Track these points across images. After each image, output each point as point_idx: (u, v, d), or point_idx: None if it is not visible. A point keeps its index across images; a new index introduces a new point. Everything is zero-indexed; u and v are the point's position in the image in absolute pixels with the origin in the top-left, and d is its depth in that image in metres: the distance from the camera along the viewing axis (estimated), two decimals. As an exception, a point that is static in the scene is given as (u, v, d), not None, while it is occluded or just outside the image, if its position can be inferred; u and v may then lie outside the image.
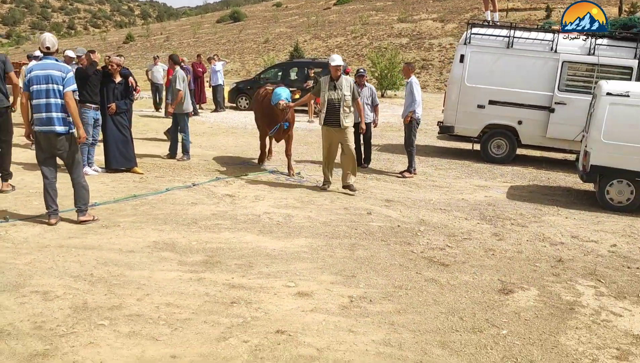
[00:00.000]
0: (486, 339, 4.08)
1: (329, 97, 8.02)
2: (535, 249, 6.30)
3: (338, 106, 7.98)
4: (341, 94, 7.97)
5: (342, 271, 5.27)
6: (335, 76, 8.05)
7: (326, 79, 8.16)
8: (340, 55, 8.26)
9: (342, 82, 8.03)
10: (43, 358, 3.41)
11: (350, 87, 8.07)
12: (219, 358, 3.57)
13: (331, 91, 8.02)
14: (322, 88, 8.12)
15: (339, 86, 8.02)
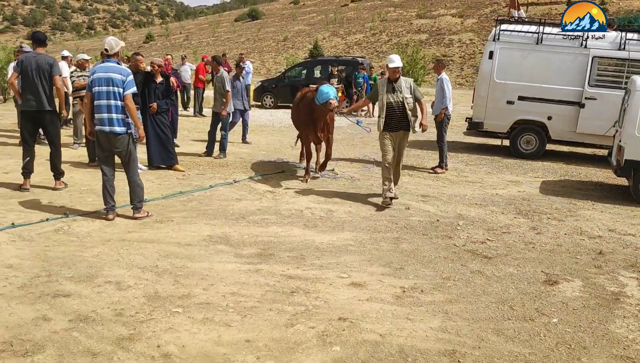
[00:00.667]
0: (538, 327, 4.26)
1: (387, 101, 7.49)
2: (574, 242, 6.45)
3: (397, 110, 7.49)
4: (401, 97, 7.47)
5: (390, 263, 5.48)
6: (393, 78, 7.56)
7: (383, 81, 7.69)
8: (397, 55, 7.78)
9: (401, 83, 7.53)
10: (130, 342, 3.68)
11: (410, 88, 7.57)
12: (290, 342, 3.81)
13: (390, 94, 7.51)
14: (379, 91, 7.61)
15: (398, 88, 7.52)
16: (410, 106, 7.52)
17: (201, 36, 66.26)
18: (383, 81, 7.68)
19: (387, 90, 7.55)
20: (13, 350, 3.50)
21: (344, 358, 3.64)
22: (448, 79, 10.11)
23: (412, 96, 7.56)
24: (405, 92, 7.51)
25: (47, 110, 7.39)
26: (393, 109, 7.51)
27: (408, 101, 7.50)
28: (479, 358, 3.73)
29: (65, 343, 3.61)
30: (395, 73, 7.54)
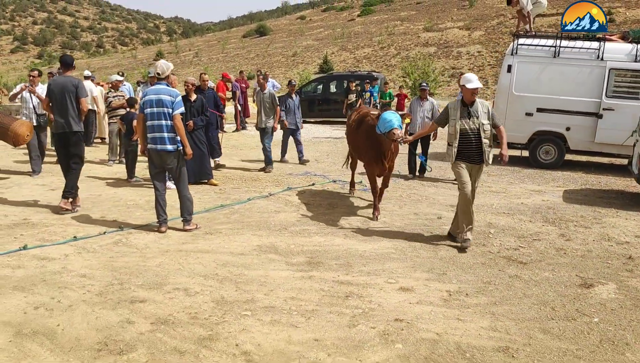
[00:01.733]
0: (581, 325, 4.56)
1: (461, 127, 6.46)
2: (604, 248, 6.74)
3: (473, 138, 6.46)
4: (478, 123, 6.43)
5: (432, 269, 5.80)
6: (470, 101, 6.49)
7: (455, 104, 6.63)
8: (474, 74, 6.74)
9: (477, 107, 6.48)
10: (210, 341, 4.02)
11: (488, 113, 6.54)
12: (355, 340, 4.13)
13: (464, 120, 6.47)
14: (450, 115, 6.59)
15: (474, 112, 6.47)
16: (488, 134, 6.49)
17: (211, 53, 67.13)
18: (455, 104, 6.63)
19: (462, 115, 6.50)
20: (109, 349, 3.85)
21: (407, 354, 3.96)
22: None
23: (489, 122, 6.51)
24: (483, 118, 6.48)
25: (74, 131, 7.53)
26: (468, 137, 6.47)
27: (485, 128, 6.45)
28: (531, 354, 4.03)
29: (153, 343, 3.96)
30: (472, 95, 6.45)
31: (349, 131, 8.58)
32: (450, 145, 6.58)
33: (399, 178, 10.68)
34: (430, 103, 10.77)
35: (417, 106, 10.83)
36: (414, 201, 8.83)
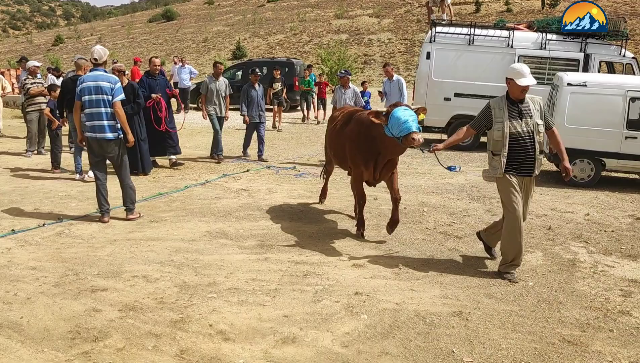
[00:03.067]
0: (520, 289, 5.04)
1: (511, 131, 5.15)
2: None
3: (529, 142, 5.18)
4: (532, 123, 5.18)
5: (379, 247, 6.12)
6: (518, 98, 5.24)
7: (499, 102, 5.32)
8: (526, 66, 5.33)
9: (529, 105, 5.25)
10: (183, 324, 4.08)
11: (541, 110, 5.31)
12: (322, 314, 4.34)
13: (515, 121, 5.18)
14: (495, 116, 5.25)
15: (526, 111, 5.22)
16: (541, 137, 5.29)
17: (115, 38, 64.18)
18: (499, 102, 5.32)
19: (511, 115, 5.20)
20: (82, 337, 3.81)
21: (373, 324, 4.23)
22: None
23: (543, 122, 5.28)
24: (536, 117, 5.23)
25: None
26: (520, 142, 5.17)
27: (540, 129, 5.23)
28: (481, 316, 4.43)
29: (126, 329, 3.96)
30: (523, 93, 5.21)
31: (330, 133, 7.14)
32: (497, 154, 5.24)
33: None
34: (352, 90, 10.68)
35: (340, 94, 10.70)
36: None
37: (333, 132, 6.98)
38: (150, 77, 9.88)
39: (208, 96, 10.98)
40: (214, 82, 11.03)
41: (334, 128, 6.98)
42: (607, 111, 9.17)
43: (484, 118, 5.38)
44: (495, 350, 3.89)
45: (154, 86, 9.77)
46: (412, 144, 5.44)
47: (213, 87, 10.98)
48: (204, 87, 11.06)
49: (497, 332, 4.17)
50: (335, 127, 6.92)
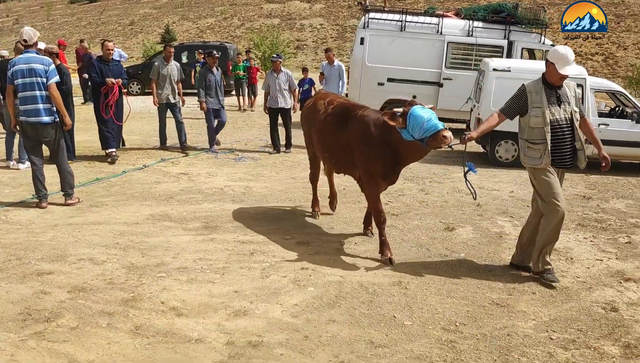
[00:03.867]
0: (453, 260, 5.43)
1: (552, 117, 4.81)
2: (456, 198, 7.83)
3: (567, 130, 4.86)
4: (570, 110, 4.87)
5: (321, 225, 6.36)
6: (557, 83, 4.89)
7: (536, 86, 4.90)
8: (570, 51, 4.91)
9: (566, 91, 4.93)
10: (135, 302, 4.16)
11: (576, 97, 5.01)
12: (271, 289, 4.53)
13: (554, 107, 4.83)
14: (532, 101, 4.84)
15: (564, 96, 4.89)
16: (577, 123, 4.94)
17: (34, 19, 60.98)
18: (536, 86, 4.92)
19: (550, 100, 4.84)
20: (34, 318, 3.82)
21: (320, 295, 4.46)
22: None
23: (578, 110, 5.00)
24: (573, 103, 4.93)
25: None
26: (560, 130, 4.84)
27: (577, 117, 4.94)
28: (419, 285, 4.76)
29: (77, 309, 4.00)
30: (562, 79, 4.88)
31: (319, 128, 5.98)
32: (535, 143, 4.85)
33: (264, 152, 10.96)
34: (285, 75, 10.57)
35: (272, 79, 10.54)
36: (288, 166, 9.33)
37: (324, 126, 5.88)
38: (103, 63, 9.13)
39: (159, 82, 10.18)
40: (165, 66, 10.18)
41: (324, 122, 5.88)
42: (529, 95, 9.78)
43: (519, 103, 4.94)
44: (433, 314, 4.22)
45: (106, 72, 9.05)
46: (443, 143, 4.85)
47: (165, 72, 10.14)
48: (154, 71, 10.26)
49: (433, 298, 4.51)
50: (326, 121, 5.85)
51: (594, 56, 33.22)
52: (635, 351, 3.75)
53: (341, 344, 3.72)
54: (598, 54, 33.33)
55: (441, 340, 3.84)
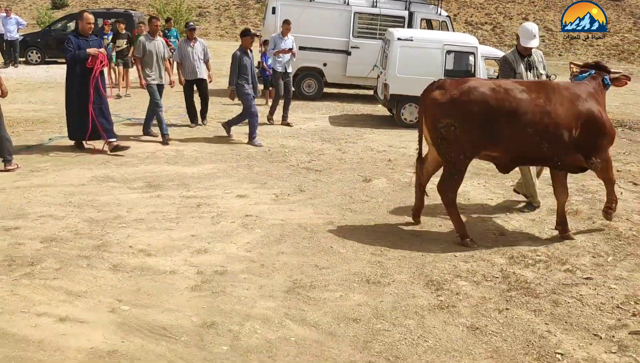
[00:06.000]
0: (373, 204, 6.36)
1: None
2: (370, 156, 8.80)
3: None
4: (537, 75, 5.98)
5: (255, 181, 7.07)
6: (524, 52, 5.94)
7: (513, 55, 5.99)
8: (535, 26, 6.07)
9: (534, 57, 6.00)
10: (106, 247, 4.71)
11: (542, 62, 6.03)
12: (224, 232, 5.23)
13: (525, 72, 5.93)
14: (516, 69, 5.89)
15: (533, 63, 5.99)
16: None
17: None
18: (513, 55, 5.95)
19: (525, 67, 5.91)
20: (18, 264, 4.28)
21: (267, 234, 5.23)
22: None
23: (545, 72, 6.01)
24: (541, 68, 5.95)
25: None
26: None
27: (543, 78, 5.95)
28: (349, 223, 5.66)
29: (56, 255, 4.49)
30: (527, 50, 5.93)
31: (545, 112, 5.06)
32: None
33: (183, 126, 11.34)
34: (201, 44, 10.33)
35: (187, 47, 10.16)
36: (212, 131, 9.85)
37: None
38: (81, 37, 7.95)
39: (146, 60, 9.04)
40: (150, 41, 9.08)
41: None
42: (429, 62, 10.88)
43: (510, 70, 5.81)
44: (362, 244, 5.12)
45: (84, 48, 7.86)
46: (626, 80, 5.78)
47: (152, 48, 9.05)
48: (139, 48, 9.09)
49: (361, 232, 5.41)
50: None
51: (483, 25, 35.59)
52: (516, 260, 4.87)
53: (292, 269, 4.53)
54: (487, 23, 35.75)
55: (371, 261, 4.75)
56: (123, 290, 3.99)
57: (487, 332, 3.67)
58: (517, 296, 4.18)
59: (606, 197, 5.59)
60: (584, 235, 5.50)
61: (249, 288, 4.15)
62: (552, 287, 4.34)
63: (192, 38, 10.13)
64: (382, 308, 3.94)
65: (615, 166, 8.27)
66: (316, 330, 3.62)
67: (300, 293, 4.11)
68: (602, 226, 5.73)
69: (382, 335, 3.58)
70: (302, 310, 3.86)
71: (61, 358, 3.14)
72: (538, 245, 5.24)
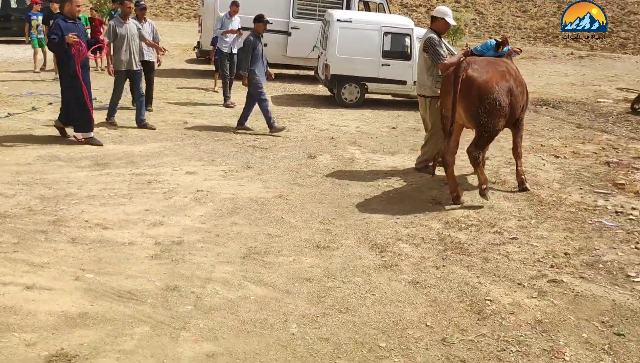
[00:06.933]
0: (318, 179, 6.69)
1: None
2: (313, 134, 9.11)
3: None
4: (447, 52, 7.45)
5: (203, 158, 7.24)
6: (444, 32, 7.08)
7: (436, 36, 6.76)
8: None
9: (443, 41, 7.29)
10: (62, 222, 4.81)
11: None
12: (177, 206, 5.42)
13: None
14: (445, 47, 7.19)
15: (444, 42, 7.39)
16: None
17: None
18: (437, 36, 6.73)
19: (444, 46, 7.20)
20: (-25, 239, 4.33)
21: (219, 208, 5.46)
22: None
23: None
24: (444, 47, 7.22)
25: None
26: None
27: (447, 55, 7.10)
28: (297, 196, 5.96)
29: (11, 231, 4.56)
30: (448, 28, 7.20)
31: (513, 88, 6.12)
32: (433, 76, 6.68)
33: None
34: (150, 24, 10.06)
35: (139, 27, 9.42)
36: (155, 112, 9.85)
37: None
38: (69, 21, 7.32)
39: (116, 45, 8.54)
40: (122, 25, 8.61)
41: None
42: (368, 43, 11.27)
43: (443, 49, 6.66)
44: (310, 214, 5.44)
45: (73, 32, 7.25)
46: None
47: (123, 32, 8.56)
48: (109, 32, 8.63)
49: (309, 205, 5.73)
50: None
51: (418, 7, 36.45)
52: (451, 224, 5.33)
53: (246, 237, 4.80)
54: (422, 5, 36.63)
55: (320, 229, 5.08)
56: (85, 261, 4.14)
57: (427, 285, 4.09)
58: (452, 255, 4.63)
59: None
60: (511, 201, 6.05)
61: (206, 256, 4.39)
62: (482, 246, 4.82)
63: (142, 18, 9.69)
64: (332, 268, 4.28)
65: (539, 141, 9.03)
66: (273, 289, 3.92)
67: (256, 259, 4.39)
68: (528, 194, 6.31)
69: (333, 291, 3.93)
70: (258, 273, 4.15)
71: (34, 321, 3.30)
72: (470, 211, 5.73)
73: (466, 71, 5.75)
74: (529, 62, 22.36)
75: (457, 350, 3.30)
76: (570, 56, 26.30)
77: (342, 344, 3.31)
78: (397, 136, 9.27)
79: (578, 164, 7.73)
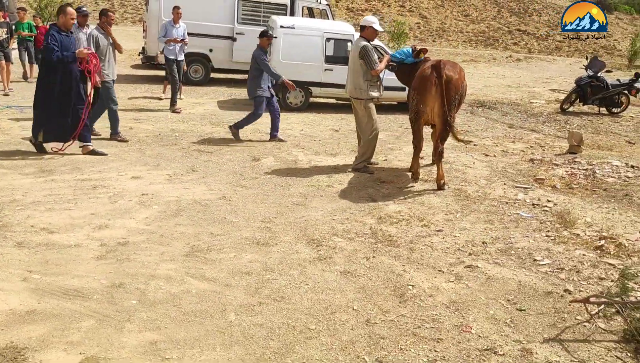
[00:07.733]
0: (261, 180, 6.99)
1: None
2: (258, 137, 9.42)
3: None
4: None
5: (148, 163, 7.43)
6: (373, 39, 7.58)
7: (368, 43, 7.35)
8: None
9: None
10: (7, 227, 4.94)
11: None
12: (123, 209, 5.63)
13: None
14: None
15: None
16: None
17: None
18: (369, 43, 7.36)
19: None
20: None
21: (164, 210, 5.69)
22: None
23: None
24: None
25: None
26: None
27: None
28: (239, 197, 6.25)
29: (-43, 237, 4.67)
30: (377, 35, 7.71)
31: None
32: (375, 83, 7.38)
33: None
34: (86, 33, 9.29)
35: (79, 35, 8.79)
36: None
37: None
38: (63, 33, 7.33)
39: (99, 56, 8.08)
40: (103, 35, 8.41)
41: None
42: (311, 49, 11.65)
43: (375, 55, 7.37)
44: (252, 214, 5.74)
45: (67, 45, 7.31)
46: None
47: (104, 43, 8.38)
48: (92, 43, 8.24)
49: (251, 205, 6.03)
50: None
51: (364, 12, 37.18)
52: (384, 220, 5.74)
53: (189, 237, 5.06)
54: (367, 10, 37.38)
55: (261, 227, 5.39)
56: (31, 263, 4.32)
57: (356, 274, 4.46)
58: (382, 247, 5.02)
59: None
60: (440, 197, 6.51)
61: (151, 255, 4.63)
62: (410, 239, 5.24)
63: (84, 25, 8.93)
64: (270, 262, 4.60)
65: (473, 140, 9.58)
66: (214, 283, 4.21)
67: (198, 256, 4.66)
68: (456, 190, 6.79)
69: (270, 283, 4.25)
70: (200, 269, 4.42)
71: (-18, 320, 3.49)
72: (402, 207, 6.16)
73: (444, 70, 6.64)
74: (470, 65, 23.32)
75: (379, 329, 3.68)
76: (508, 58, 27.48)
77: (275, 328, 3.63)
78: (340, 138, 9.67)
79: (505, 161, 8.32)
